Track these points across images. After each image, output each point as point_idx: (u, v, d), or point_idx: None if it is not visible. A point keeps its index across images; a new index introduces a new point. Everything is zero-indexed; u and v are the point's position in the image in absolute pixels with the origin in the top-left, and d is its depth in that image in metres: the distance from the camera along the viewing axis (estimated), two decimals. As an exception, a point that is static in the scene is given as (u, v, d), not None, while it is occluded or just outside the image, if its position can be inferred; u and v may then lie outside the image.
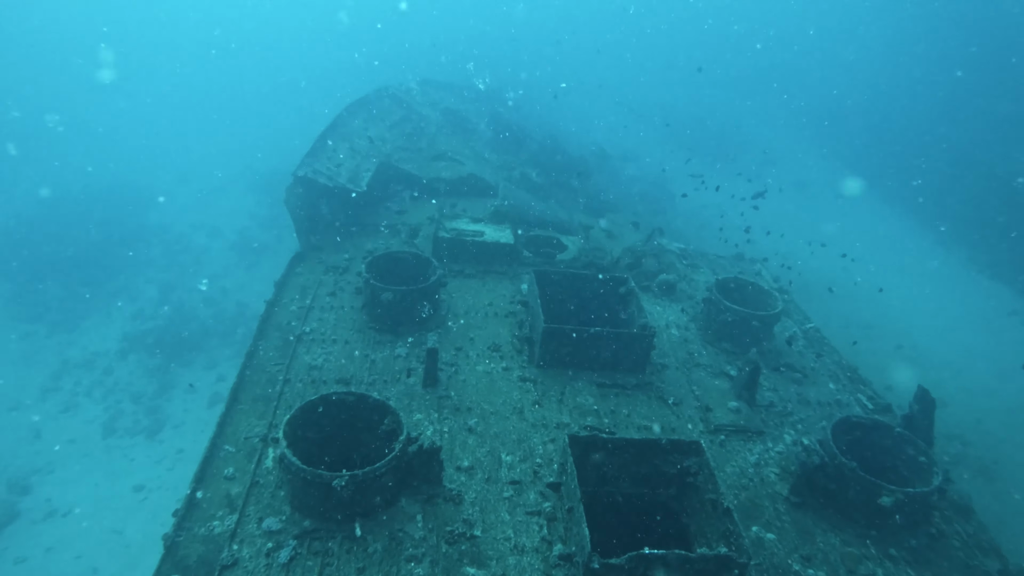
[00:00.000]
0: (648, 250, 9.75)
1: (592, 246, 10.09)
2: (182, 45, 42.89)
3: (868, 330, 15.71)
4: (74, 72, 36.41)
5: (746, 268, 11.01)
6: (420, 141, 12.50)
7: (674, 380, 7.53)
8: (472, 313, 8.14)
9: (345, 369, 6.87)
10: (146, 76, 38.83)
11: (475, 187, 11.30)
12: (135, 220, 22.09)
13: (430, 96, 16.32)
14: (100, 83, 35.87)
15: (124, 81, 37.54)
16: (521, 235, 9.96)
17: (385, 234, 9.82)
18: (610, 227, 11.11)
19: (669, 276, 9.37)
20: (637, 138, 31.08)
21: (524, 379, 7.05)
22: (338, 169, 9.65)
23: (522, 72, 28.62)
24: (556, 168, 14.76)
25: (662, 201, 23.58)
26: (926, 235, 21.50)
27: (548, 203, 13.11)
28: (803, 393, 7.81)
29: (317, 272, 8.68)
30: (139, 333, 15.70)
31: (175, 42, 43.70)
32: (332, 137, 10.37)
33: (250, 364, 6.79)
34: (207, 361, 15.21)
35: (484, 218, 9.96)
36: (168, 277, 18.73)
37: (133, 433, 12.64)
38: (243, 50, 43.20)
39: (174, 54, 42.22)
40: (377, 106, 12.93)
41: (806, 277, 18.56)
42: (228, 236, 21.51)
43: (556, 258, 9.56)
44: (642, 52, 42.87)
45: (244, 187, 25.73)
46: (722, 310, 8.24)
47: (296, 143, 28.80)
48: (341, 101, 14.44)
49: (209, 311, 17.20)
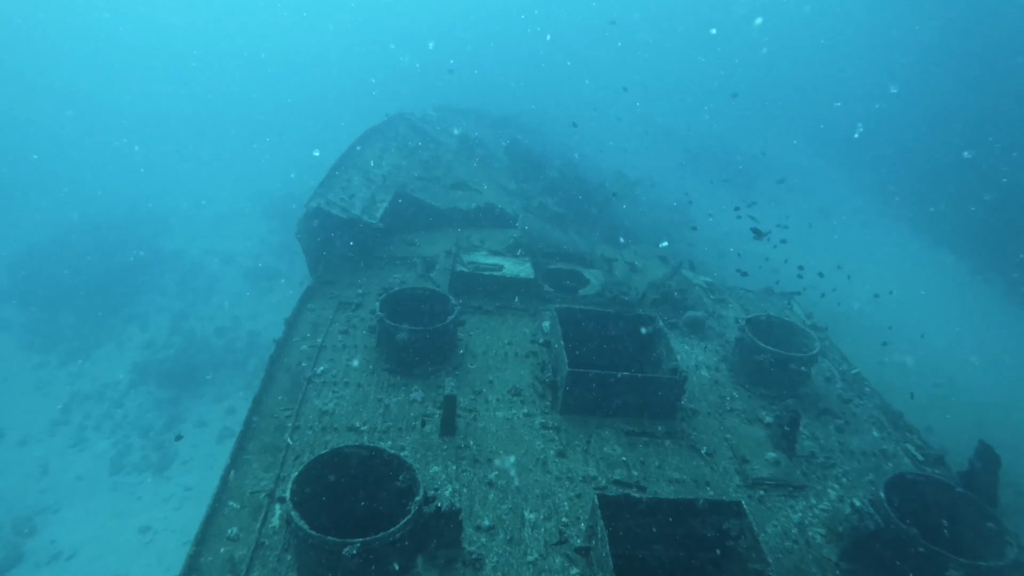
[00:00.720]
0: (674, 285, 9.39)
1: (615, 280, 9.75)
2: (200, 69, 43.72)
3: (902, 368, 15.14)
4: (87, 96, 37.13)
5: (776, 303, 10.59)
6: (437, 169, 12.31)
7: (706, 427, 7.12)
8: (491, 353, 7.81)
9: (357, 415, 6.54)
10: (163, 100, 39.54)
11: (493, 217, 11.05)
12: (150, 246, 22.16)
13: (447, 122, 16.21)
14: (116, 106, 36.55)
15: (139, 105, 38.24)
16: (541, 268, 9.66)
17: (400, 267, 9.57)
18: (633, 259, 10.77)
19: (697, 313, 8.99)
20: (654, 161, 30.87)
21: (547, 427, 6.68)
22: (352, 200, 9.45)
23: (531, 103, 28.58)
24: (575, 196, 14.50)
25: (682, 229, 23.24)
26: (961, 265, 20.90)
27: (568, 233, 12.82)
28: (845, 442, 7.35)
29: (329, 308, 8.42)
30: (150, 363, 15.53)
31: (193, 65, 44.59)
32: (346, 166, 10.20)
33: (258, 410, 6.49)
34: (217, 393, 14.99)
35: (503, 251, 9.68)
36: (180, 305, 18.66)
37: (141, 469, 12.39)
38: (263, 72, 43.94)
39: (192, 77, 43.01)
40: (393, 133, 12.79)
41: (834, 311, 18.08)
42: (241, 262, 21.48)
43: (578, 293, 9.23)
44: (659, 76, 42.93)
45: (258, 212, 25.81)
46: (756, 351, 7.83)
47: (311, 168, 28.85)
48: (358, 125, 14.40)
49: (220, 341, 17.05)
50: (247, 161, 31.17)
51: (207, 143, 34.20)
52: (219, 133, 34.93)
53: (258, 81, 42.71)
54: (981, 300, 19.65)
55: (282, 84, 42.37)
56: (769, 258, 17.49)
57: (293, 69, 44.90)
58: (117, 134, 33.18)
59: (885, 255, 21.62)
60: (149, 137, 33.57)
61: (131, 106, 37.02)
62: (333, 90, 41.21)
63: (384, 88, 34.70)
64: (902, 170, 26.75)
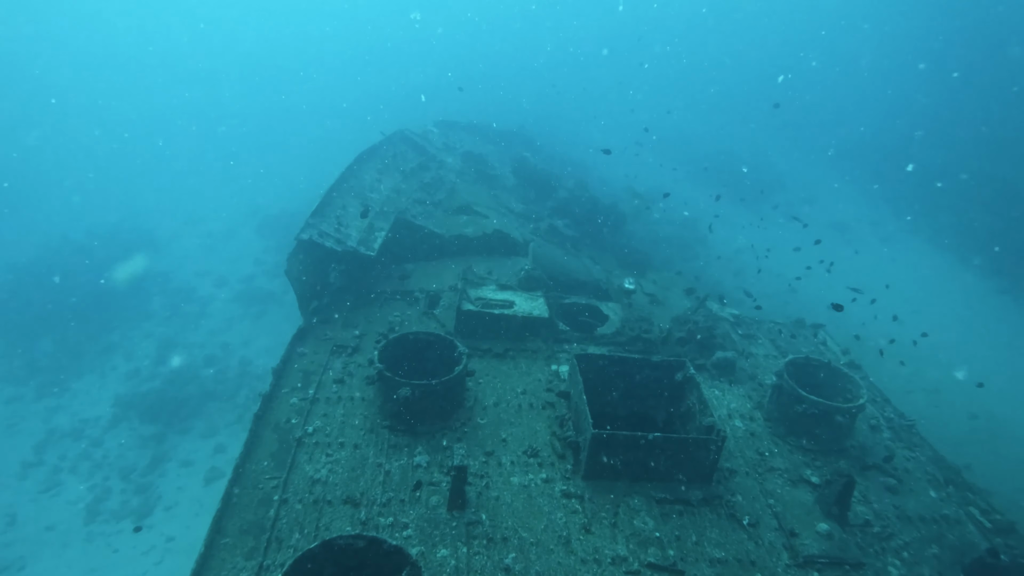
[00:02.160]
0: (700, 321, 8.72)
1: (636, 315, 9.09)
2: (193, 76, 43.25)
3: (934, 395, 14.43)
4: (76, 105, 36.63)
5: (807, 338, 9.92)
6: (439, 192, 11.68)
7: (746, 490, 6.42)
8: (503, 404, 7.12)
9: (354, 484, 5.85)
10: (154, 111, 39.03)
11: (501, 245, 10.40)
12: (136, 267, 21.48)
13: (449, 139, 15.62)
14: (103, 117, 36.04)
15: (130, 116, 37.71)
16: (555, 302, 9.00)
17: (401, 303, 8.90)
18: (654, 290, 10.11)
19: (727, 353, 8.31)
20: (664, 175, 30.32)
21: (569, 495, 5.99)
22: (347, 230, 8.80)
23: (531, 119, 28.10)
24: (586, 217, 13.88)
25: (694, 247, 22.65)
26: (986, 284, 20.26)
27: (580, 258, 12.18)
28: (901, 505, 6.65)
29: (323, 353, 7.74)
30: (133, 396, 14.82)
31: (184, 72, 44.10)
32: (341, 191, 9.56)
33: (240, 480, 5.80)
34: (206, 428, 14.26)
35: (513, 284, 9.02)
36: (167, 332, 17.96)
37: (120, 517, 11.64)
38: (258, 82, 43.47)
39: (182, 86, 42.51)
40: (392, 153, 12.17)
41: (853, 332, 17.40)
42: (233, 285, 20.80)
43: (596, 332, 8.56)
44: (669, 87, 42.56)
45: (251, 230, 25.17)
46: (796, 400, 7.15)
47: (307, 183, 28.25)
48: (358, 139, 13.76)
49: (210, 371, 16.33)
50: (241, 175, 30.61)
51: (198, 156, 33.67)
52: (211, 145, 34.39)
53: (253, 91, 42.25)
54: (1007, 321, 19.01)
55: (279, 94, 41.93)
56: (799, 278, 16.86)
57: (291, 78, 44.51)
58: (103, 145, 32.67)
59: (909, 274, 20.98)
60: (136, 149, 33.06)
61: (117, 115, 36.47)
62: (332, 101, 40.79)
63: (386, 100, 34.30)
64: (923, 182, 26.14)
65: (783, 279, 20.68)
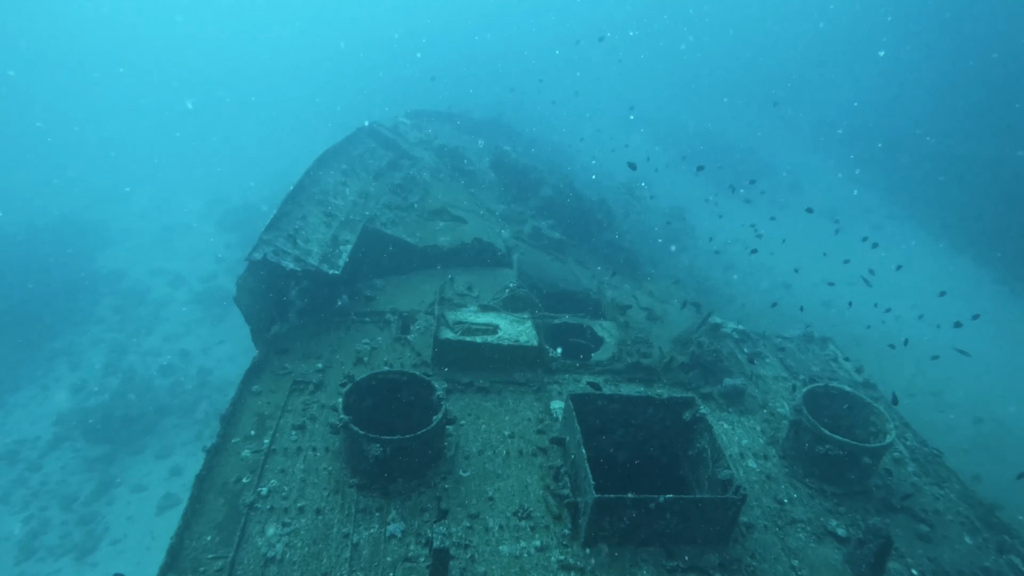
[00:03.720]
0: (706, 343, 8.00)
1: (633, 336, 8.33)
2: (148, 60, 41.21)
3: (935, 398, 14.02)
4: (19, 88, 34.66)
5: (818, 353, 9.27)
6: (412, 194, 10.73)
7: (766, 548, 5.74)
8: (488, 451, 6.33)
9: (315, 563, 5.02)
10: (106, 91, 37.09)
11: (482, 254, 9.54)
12: (85, 265, 20.18)
13: (423, 132, 14.60)
14: (52, 99, 34.11)
15: (81, 95, 35.76)
16: (543, 322, 8.20)
17: (370, 327, 8.02)
18: (651, 303, 9.35)
19: (736, 381, 7.61)
20: (642, 157, 29.57)
21: (567, 567, 5.24)
22: (307, 245, 7.86)
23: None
24: (573, 217, 13.06)
25: (682, 238, 22.00)
26: (983, 273, 19.96)
27: (567, 264, 11.39)
28: (936, 557, 6.05)
29: (281, 390, 6.85)
30: (78, 413, 13.73)
31: (137, 50, 41.99)
32: (300, 200, 8.58)
33: (175, 564, 4.93)
34: (161, 448, 13.28)
35: (496, 304, 8.18)
36: (118, 338, 16.81)
37: (58, 554, 10.67)
38: (217, 64, 41.61)
39: (136, 63, 40.48)
40: (359, 152, 11.15)
41: (848, 329, 16.95)
42: (192, 285, 19.64)
43: (591, 358, 7.79)
44: (647, 68, 41.75)
45: (212, 224, 23.91)
46: (818, 439, 6.48)
47: (275, 171, 26.87)
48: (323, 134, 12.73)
49: (166, 381, 15.28)
50: (200, 164, 29.15)
51: (155, 142, 32.04)
52: (169, 131, 32.74)
53: (213, 74, 40.40)
54: (1006, 312, 18.70)
55: (242, 78, 40.19)
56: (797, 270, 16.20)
57: (254, 62, 42.72)
58: (51, 129, 30.87)
59: (900, 263, 20.59)
60: (87, 134, 31.31)
61: (66, 99, 34.56)
62: (299, 87, 39.24)
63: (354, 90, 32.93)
64: (915, 165, 25.77)
65: (776, 272, 20.20)
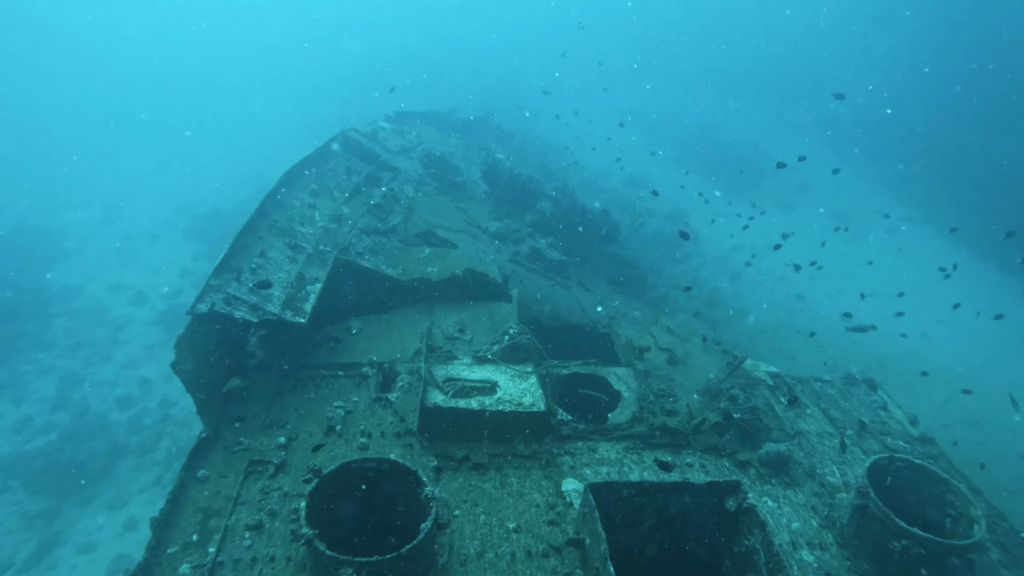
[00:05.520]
0: (738, 396, 6.94)
1: (655, 388, 7.25)
2: (105, 55, 39.58)
3: (973, 429, 13.10)
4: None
5: (862, 397, 8.25)
6: (393, 214, 9.56)
7: None
8: (490, 552, 5.24)
9: None
10: (65, 88, 35.49)
11: (476, 289, 8.41)
12: (36, 281, 18.84)
13: (405, 137, 13.39)
14: (5, 96, 32.52)
15: (37, 93, 34.16)
16: (549, 373, 7.11)
17: (345, 383, 6.88)
18: (672, 343, 8.27)
19: (779, 446, 6.56)
20: (647, 159, 28.60)
21: None
22: (267, 291, 6.70)
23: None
24: (574, 232, 11.99)
25: (684, 244, 21.04)
26: (1011, 282, 19.11)
27: (571, 290, 10.31)
28: None
29: (234, 473, 5.72)
30: (19, 458, 12.47)
31: (103, 47, 40.36)
32: (259, 229, 7.41)
33: None
34: (114, 497, 12.07)
35: (493, 353, 7.07)
36: (71, 365, 15.53)
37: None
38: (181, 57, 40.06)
39: (102, 60, 38.86)
40: (332, 164, 9.96)
41: (872, 348, 16.02)
42: (155, 303, 18.36)
43: (607, 421, 6.71)
44: (644, 59, 40.69)
45: (178, 233, 22.58)
46: (892, 532, 5.44)
47: (249, 172, 25.50)
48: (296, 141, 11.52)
49: (123, 416, 14.06)
50: (165, 167, 27.74)
51: (119, 143, 30.58)
52: (132, 128, 31.25)
53: (178, 68, 38.87)
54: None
55: (209, 72, 38.68)
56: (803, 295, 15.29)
57: (221, 53, 41.17)
58: (4, 128, 29.35)
59: (922, 272, 19.71)
60: (45, 135, 29.79)
61: (19, 96, 32.98)
62: (268, 83, 37.82)
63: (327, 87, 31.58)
64: (931, 165, 24.87)
65: (788, 283, 19.26)
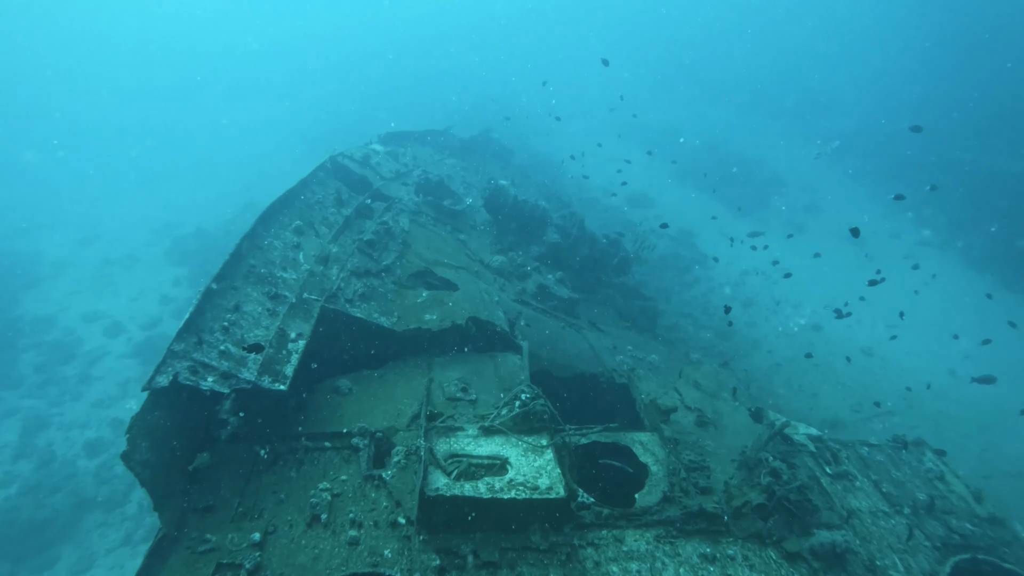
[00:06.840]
0: (782, 471, 6.14)
1: (686, 461, 6.44)
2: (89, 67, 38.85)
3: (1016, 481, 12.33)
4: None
5: (912, 463, 7.47)
6: (387, 252, 8.73)
7: None
8: None
9: None
10: (43, 101, 34.71)
11: (478, 337, 7.62)
12: (5, 311, 17.96)
13: (399, 161, 12.61)
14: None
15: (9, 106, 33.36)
16: (567, 443, 6.29)
17: (333, 458, 6.05)
18: (700, 401, 7.47)
19: (834, 535, 5.75)
20: (650, 175, 27.95)
21: None
22: (241, 355, 5.88)
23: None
24: (583, 265, 11.23)
25: (693, 268, 20.38)
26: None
27: (582, 332, 9.53)
28: None
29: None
30: (-23, 514, 11.56)
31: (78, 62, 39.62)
32: (232, 278, 6.61)
33: None
34: (78, 560, 11.13)
35: (503, 421, 6.25)
36: (38, 406, 14.61)
37: None
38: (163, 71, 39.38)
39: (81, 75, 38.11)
40: (319, 196, 9.15)
41: (898, 380, 15.31)
42: (132, 333, 17.47)
43: (635, 505, 5.89)
44: (646, 71, 40.29)
45: (159, 255, 21.72)
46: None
47: (233, 191, 24.72)
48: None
49: (92, 463, 13.14)
50: (146, 186, 26.92)
51: (100, 161, 29.78)
52: (110, 149, 30.46)
53: (162, 81, 38.19)
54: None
55: (194, 86, 37.99)
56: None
57: (208, 67, 40.51)
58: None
59: (942, 301, 19.05)
60: (20, 152, 28.98)
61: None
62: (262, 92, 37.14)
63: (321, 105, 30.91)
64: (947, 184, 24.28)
65: (804, 310, 18.56)
